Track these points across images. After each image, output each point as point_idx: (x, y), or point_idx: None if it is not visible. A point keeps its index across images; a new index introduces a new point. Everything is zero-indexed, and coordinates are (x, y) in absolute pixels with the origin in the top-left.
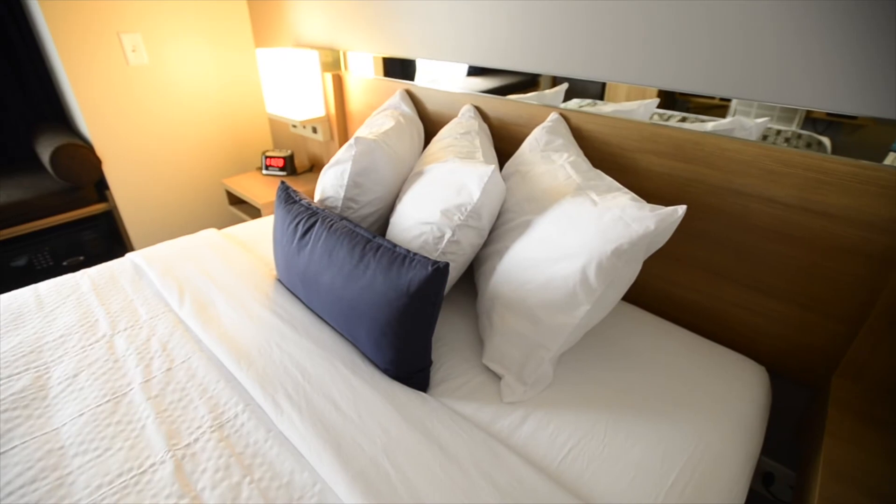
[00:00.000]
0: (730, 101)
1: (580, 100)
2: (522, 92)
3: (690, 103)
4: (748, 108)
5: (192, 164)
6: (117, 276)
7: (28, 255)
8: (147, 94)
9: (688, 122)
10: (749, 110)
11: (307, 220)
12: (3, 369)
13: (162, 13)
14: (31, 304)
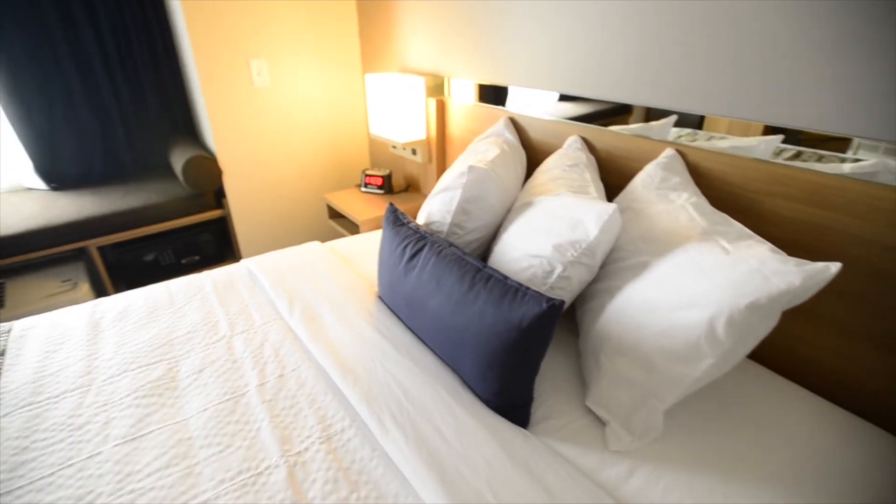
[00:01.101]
0: None
1: (678, 129)
2: (613, 118)
3: (802, 135)
4: (875, 143)
5: (297, 179)
6: (235, 281)
7: (156, 252)
8: (265, 113)
9: (805, 157)
10: (877, 145)
11: (415, 243)
12: (143, 357)
13: (285, 41)
14: (165, 300)
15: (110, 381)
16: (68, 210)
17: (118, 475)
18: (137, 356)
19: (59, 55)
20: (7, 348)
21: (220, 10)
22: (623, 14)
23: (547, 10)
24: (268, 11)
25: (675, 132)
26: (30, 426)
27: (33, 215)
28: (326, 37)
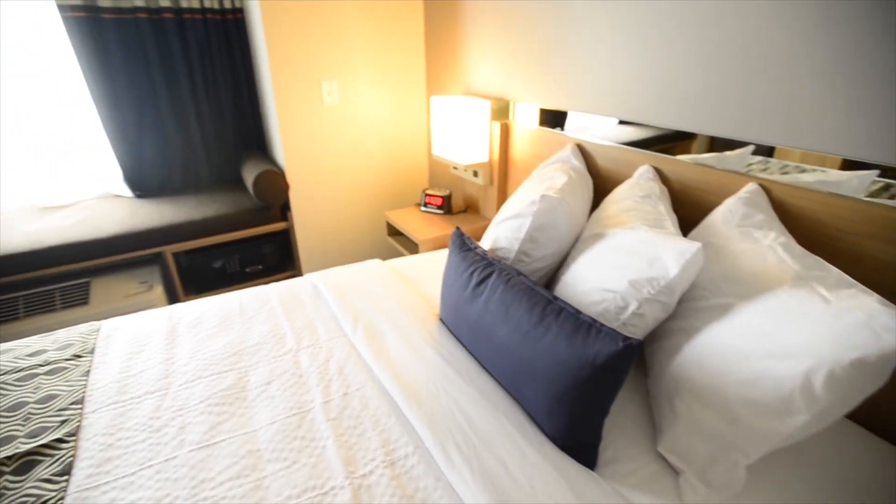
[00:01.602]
0: None
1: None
2: (675, 143)
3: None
4: None
5: (358, 195)
6: (300, 295)
7: (223, 260)
8: (332, 131)
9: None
10: None
11: (483, 270)
12: (216, 365)
13: (355, 62)
14: (235, 310)
15: (186, 386)
16: (150, 217)
17: (193, 480)
18: (210, 364)
19: (154, 77)
20: (96, 347)
21: (297, 36)
22: (686, 42)
23: (611, 36)
24: (341, 35)
25: (746, 161)
26: (115, 424)
27: (120, 221)
28: (393, 59)
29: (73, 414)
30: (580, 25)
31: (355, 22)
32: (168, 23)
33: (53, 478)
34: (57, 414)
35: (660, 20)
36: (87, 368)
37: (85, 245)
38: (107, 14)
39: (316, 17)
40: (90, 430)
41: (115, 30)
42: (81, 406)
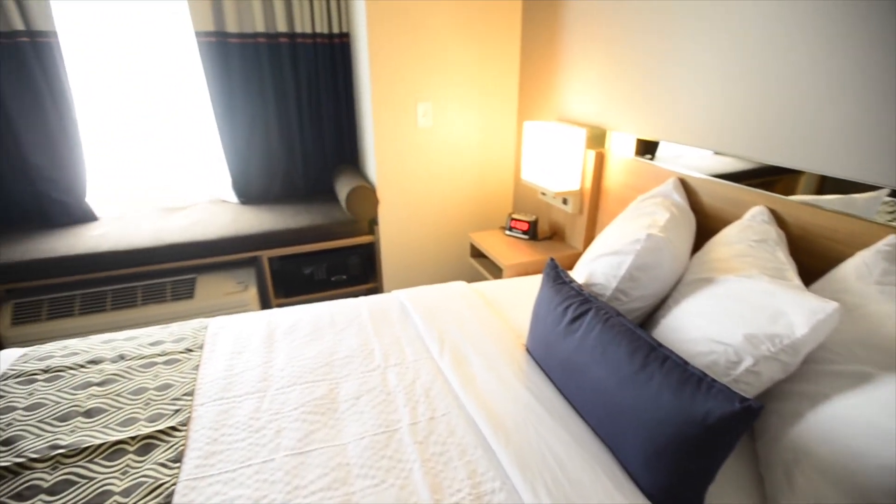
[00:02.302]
0: None
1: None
2: (777, 177)
3: None
4: None
5: (444, 215)
6: (387, 311)
7: (312, 267)
8: (423, 152)
9: None
10: None
11: (578, 306)
12: (309, 374)
13: (449, 86)
14: (327, 321)
15: (282, 391)
16: (251, 223)
17: (287, 486)
18: (304, 372)
19: (266, 96)
20: (205, 343)
21: (398, 60)
22: (798, 72)
23: (714, 67)
24: (439, 59)
25: (879, 207)
26: (219, 420)
27: (225, 225)
28: (487, 84)
29: (185, 405)
30: (681, 56)
31: (453, 47)
32: (283, 47)
33: (168, 463)
34: (172, 403)
35: (766, 50)
36: (196, 363)
37: (196, 245)
38: (232, 39)
39: (417, 42)
40: (199, 423)
41: (238, 53)
42: (192, 398)
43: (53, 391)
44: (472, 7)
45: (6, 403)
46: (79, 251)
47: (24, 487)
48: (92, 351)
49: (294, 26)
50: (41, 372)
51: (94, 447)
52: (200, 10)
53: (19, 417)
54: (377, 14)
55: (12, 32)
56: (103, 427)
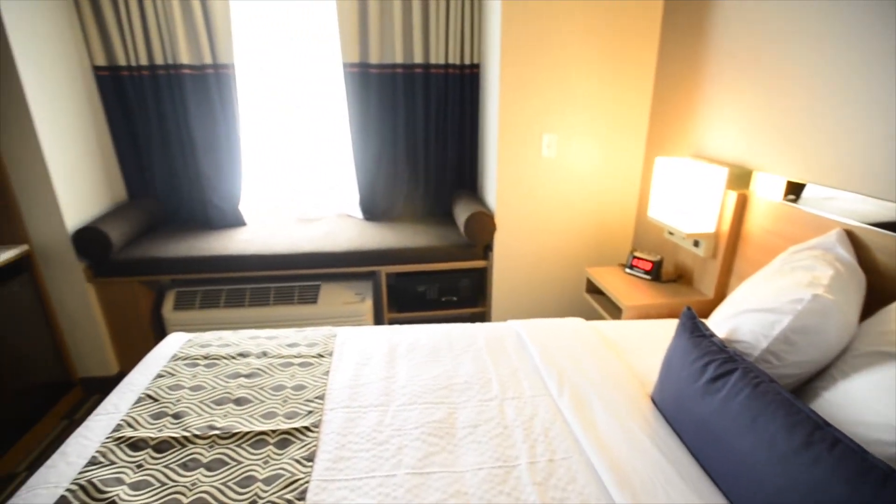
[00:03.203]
0: None
1: None
2: None
3: None
4: None
5: (560, 246)
6: (504, 341)
7: (426, 286)
8: (544, 182)
9: None
10: None
11: (722, 364)
12: (429, 395)
13: (576, 118)
14: (445, 344)
15: (403, 408)
16: (373, 239)
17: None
18: (424, 392)
19: (397, 121)
20: (334, 351)
21: (528, 91)
22: None
23: (888, 104)
24: (568, 91)
25: None
26: (347, 427)
27: (350, 239)
28: (615, 117)
29: (316, 407)
30: (848, 91)
31: (583, 79)
32: (417, 77)
33: (302, 460)
34: (305, 404)
35: None
36: (326, 369)
37: (324, 256)
38: (373, 69)
39: (547, 73)
40: (329, 427)
41: (377, 82)
42: (322, 402)
43: (211, 377)
44: (607, 39)
45: (176, 382)
46: (229, 252)
47: (189, 459)
48: (241, 345)
49: (429, 58)
50: (202, 358)
51: (242, 433)
52: (350, 44)
53: (186, 396)
54: (511, 45)
55: (202, 65)
56: (249, 416)
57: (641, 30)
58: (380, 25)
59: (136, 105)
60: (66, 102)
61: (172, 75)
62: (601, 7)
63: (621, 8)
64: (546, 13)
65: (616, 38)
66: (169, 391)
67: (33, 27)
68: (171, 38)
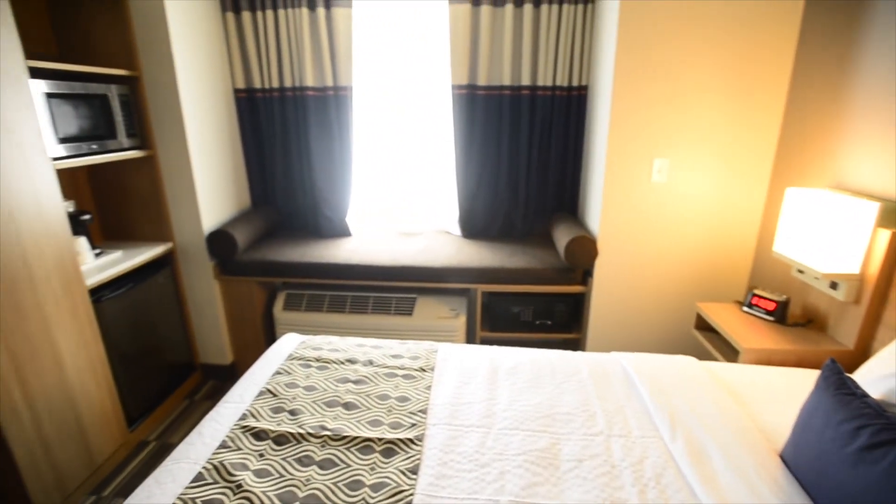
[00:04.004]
0: None
1: None
2: None
3: None
4: None
5: (666, 277)
6: (609, 374)
7: (520, 307)
8: (652, 209)
9: None
10: None
11: (881, 431)
12: (531, 422)
13: (691, 142)
14: (547, 370)
15: (505, 432)
16: (471, 257)
17: None
18: (526, 418)
19: (501, 142)
20: (436, 366)
21: (640, 113)
22: None
23: None
24: (683, 115)
25: None
26: (449, 445)
27: (450, 255)
28: (737, 142)
29: (419, 420)
30: None
31: (702, 102)
32: (523, 98)
33: (407, 472)
34: (409, 416)
35: None
36: (429, 383)
37: (422, 270)
38: (480, 91)
39: (662, 96)
40: (432, 441)
41: (483, 103)
42: (425, 416)
43: (322, 379)
44: (732, 58)
45: (291, 380)
46: (336, 261)
47: (303, 455)
48: (349, 351)
49: (537, 80)
50: (314, 360)
51: (350, 437)
52: (459, 67)
53: (301, 394)
54: (625, 66)
55: (324, 87)
56: (357, 421)
57: (773, 46)
58: (489, 48)
59: (264, 123)
60: (211, 120)
61: (298, 96)
62: (728, 23)
63: (752, 22)
64: (664, 32)
65: (743, 57)
66: (286, 388)
67: (193, 55)
68: (300, 64)
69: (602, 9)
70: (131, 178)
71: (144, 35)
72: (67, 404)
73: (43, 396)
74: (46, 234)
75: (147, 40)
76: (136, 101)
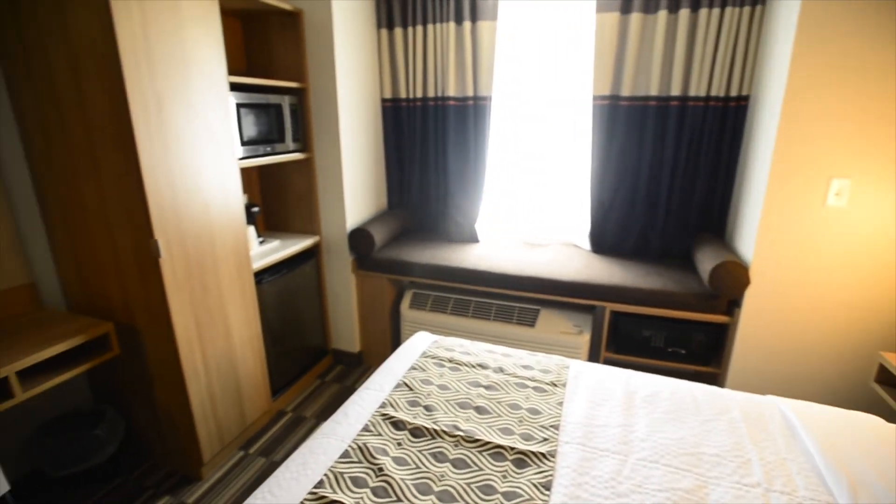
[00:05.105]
0: None
1: None
2: None
3: None
4: None
5: (837, 318)
6: (765, 419)
7: (652, 332)
8: (825, 236)
9: None
10: None
11: None
12: (673, 458)
13: (880, 160)
14: (689, 404)
15: (643, 463)
16: (600, 273)
17: None
18: (667, 453)
19: (642, 156)
20: (567, 382)
21: (815, 127)
22: None
23: None
24: (871, 129)
25: None
26: (583, 466)
27: (578, 269)
28: None
29: (551, 436)
30: None
31: None
32: (671, 109)
33: (540, 486)
34: (540, 430)
35: None
36: (560, 399)
37: (548, 282)
38: (623, 101)
39: (845, 104)
40: (565, 460)
41: (625, 114)
42: (557, 432)
43: (454, 380)
44: None
45: (426, 377)
46: (463, 265)
47: (438, 451)
48: (479, 356)
49: (688, 90)
50: (447, 361)
51: (483, 441)
52: (603, 76)
53: (435, 392)
54: (802, 72)
55: (464, 97)
56: (489, 427)
57: None
58: (636, 57)
59: (406, 130)
60: (361, 128)
61: (439, 106)
62: None
63: None
64: (852, 34)
65: None
66: (421, 384)
67: (350, 68)
68: (444, 76)
69: (775, 10)
70: (291, 177)
71: (314, 51)
72: (230, 369)
73: (214, 360)
74: (229, 222)
75: (315, 55)
76: (302, 110)
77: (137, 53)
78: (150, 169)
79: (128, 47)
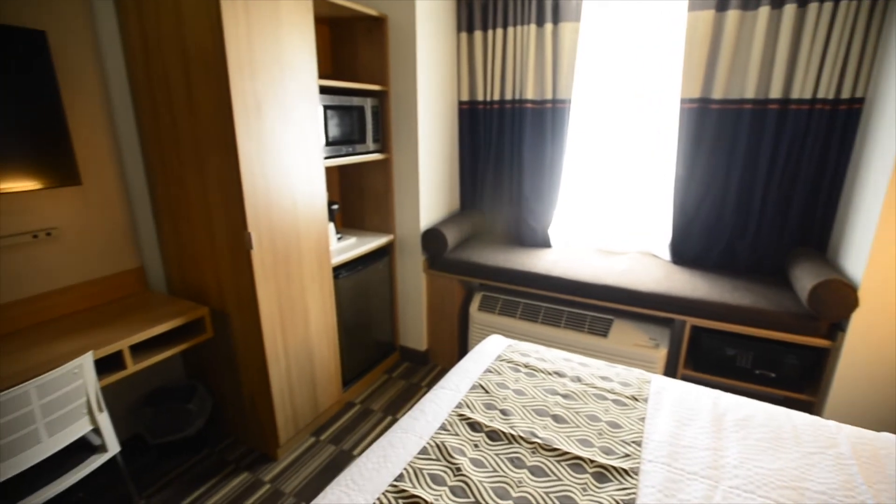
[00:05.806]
0: None
1: None
2: None
3: None
4: None
5: None
6: (883, 458)
7: (737, 350)
8: None
9: None
10: None
11: None
12: (771, 490)
13: None
14: (788, 432)
15: (736, 492)
16: (682, 285)
17: None
18: (764, 485)
19: (732, 162)
20: (649, 397)
21: None
22: None
23: None
24: None
25: None
26: (668, 488)
27: (657, 280)
28: None
29: (633, 452)
30: None
31: None
32: (769, 113)
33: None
34: (622, 445)
35: None
36: (642, 415)
37: (624, 292)
38: (714, 105)
39: None
40: (648, 479)
41: (716, 118)
42: (639, 449)
43: (531, 386)
44: None
45: (502, 380)
46: (535, 270)
47: (515, 456)
48: (556, 363)
49: (790, 92)
50: (523, 366)
51: (561, 451)
52: (693, 79)
53: (511, 396)
54: None
55: (542, 101)
56: (567, 437)
57: None
58: (731, 58)
59: (482, 133)
60: (437, 130)
61: (516, 109)
62: None
63: None
64: None
65: None
66: (497, 388)
67: (430, 71)
68: (522, 79)
69: None
70: (370, 176)
71: (396, 54)
72: (307, 358)
73: (293, 348)
74: (313, 219)
75: (398, 59)
76: (383, 112)
77: (241, 58)
78: (248, 167)
79: (233, 52)
